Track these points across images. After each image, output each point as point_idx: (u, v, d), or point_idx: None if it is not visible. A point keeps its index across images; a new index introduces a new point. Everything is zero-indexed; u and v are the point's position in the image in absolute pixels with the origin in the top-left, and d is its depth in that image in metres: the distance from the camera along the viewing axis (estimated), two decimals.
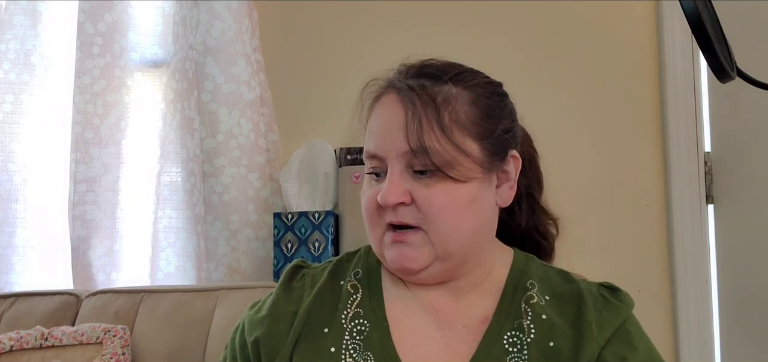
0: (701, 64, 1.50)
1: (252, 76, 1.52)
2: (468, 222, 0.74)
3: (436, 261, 0.74)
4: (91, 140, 1.52)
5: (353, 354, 0.74)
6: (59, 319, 1.28)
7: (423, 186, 0.72)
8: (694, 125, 1.49)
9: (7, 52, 1.53)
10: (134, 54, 1.58)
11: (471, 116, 0.74)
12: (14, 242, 1.53)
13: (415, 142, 0.71)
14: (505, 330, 0.74)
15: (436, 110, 0.72)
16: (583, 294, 0.77)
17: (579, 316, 0.75)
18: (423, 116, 0.72)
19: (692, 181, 1.48)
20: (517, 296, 0.77)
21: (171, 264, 1.52)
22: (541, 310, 0.76)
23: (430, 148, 0.71)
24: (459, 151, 0.72)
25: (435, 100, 0.73)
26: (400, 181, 0.73)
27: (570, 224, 1.53)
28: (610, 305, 0.78)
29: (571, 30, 1.57)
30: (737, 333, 1.45)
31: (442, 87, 0.75)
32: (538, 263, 0.83)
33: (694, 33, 0.72)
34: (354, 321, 0.77)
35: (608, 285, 0.81)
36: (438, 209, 0.72)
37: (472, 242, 0.75)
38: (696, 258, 1.47)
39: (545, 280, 0.80)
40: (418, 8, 1.60)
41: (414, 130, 0.71)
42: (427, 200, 0.72)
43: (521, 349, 0.73)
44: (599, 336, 0.74)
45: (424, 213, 0.72)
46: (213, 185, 1.51)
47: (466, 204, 0.73)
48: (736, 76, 0.87)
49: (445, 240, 0.73)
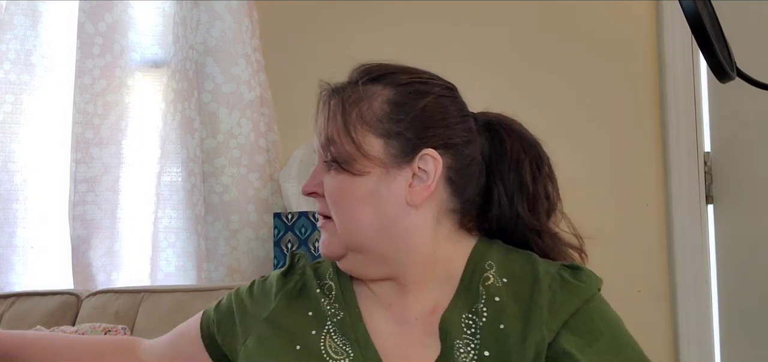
0: (701, 64, 1.51)
1: (252, 76, 1.52)
2: (365, 216, 0.76)
3: (350, 252, 0.78)
4: (91, 140, 1.52)
5: (334, 335, 0.77)
6: (59, 319, 1.28)
7: (328, 178, 0.78)
8: (694, 125, 1.50)
9: (8, 52, 1.53)
10: (134, 54, 1.58)
11: (378, 114, 0.76)
12: (14, 242, 1.53)
13: (322, 136, 0.78)
14: (463, 312, 0.75)
15: (342, 107, 0.77)
16: (539, 275, 0.75)
17: (531, 298, 0.73)
18: (331, 113, 0.78)
19: (692, 180, 1.48)
20: (475, 279, 0.77)
21: (171, 264, 1.52)
22: (495, 292, 0.75)
23: (332, 141, 0.77)
24: (356, 146, 0.75)
25: (346, 98, 0.78)
26: (318, 174, 0.80)
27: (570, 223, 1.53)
28: (566, 285, 0.75)
29: (571, 30, 1.57)
30: (737, 333, 1.45)
31: (363, 87, 0.78)
32: (502, 247, 0.81)
33: (694, 33, 0.72)
34: (330, 308, 0.81)
35: (571, 266, 0.78)
36: (334, 200, 0.77)
37: (381, 237, 0.77)
38: (696, 258, 1.47)
39: (505, 263, 0.78)
40: (417, 8, 1.60)
41: (322, 125, 0.78)
42: (327, 190, 0.78)
43: (475, 333, 0.73)
44: (550, 320, 0.71)
45: (328, 204, 0.78)
46: (213, 185, 1.51)
47: (361, 198, 0.76)
48: (736, 76, 0.87)
49: (344, 230, 0.77)
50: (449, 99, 0.80)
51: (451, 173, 0.78)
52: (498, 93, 1.57)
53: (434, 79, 0.81)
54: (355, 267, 0.80)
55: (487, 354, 0.70)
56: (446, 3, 1.60)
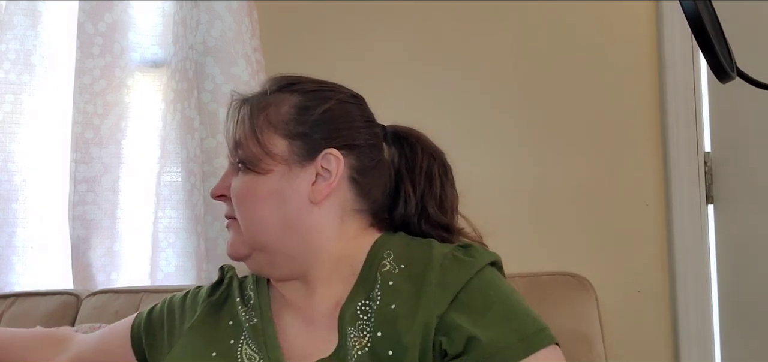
0: (701, 64, 1.50)
1: (252, 76, 1.52)
2: (268, 213, 0.79)
3: (255, 251, 0.81)
4: (91, 140, 1.52)
5: (250, 341, 0.79)
6: (59, 319, 1.28)
7: (235, 180, 0.82)
8: (694, 125, 1.49)
9: (7, 52, 1.53)
10: (134, 54, 1.58)
11: (284, 117, 0.81)
12: (14, 242, 1.53)
13: (231, 141, 0.83)
14: (359, 299, 0.77)
15: (250, 113, 0.82)
16: (432, 256, 0.77)
17: (423, 277, 0.75)
18: (239, 118, 0.82)
19: (692, 180, 1.48)
20: (373, 268, 0.79)
21: (171, 264, 1.52)
22: (389, 277, 0.77)
23: (239, 144, 0.81)
24: (261, 146, 0.80)
25: (254, 105, 0.83)
26: (227, 177, 0.84)
27: (570, 224, 1.53)
28: (457, 261, 0.76)
29: (571, 30, 1.57)
30: (737, 333, 1.45)
31: (272, 94, 0.83)
32: (405, 237, 0.83)
33: (694, 33, 0.72)
34: (246, 316, 0.83)
35: (464, 245, 0.81)
36: (239, 199, 0.81)
37: (285, 235, 0.80)
38: (696, 258, 1.47)
39: (405, 251, 0.80)
40: (417, 8, 1.60)
41: (231, 130, 0.83)
42: (232, 191, 0.81)
43: (370, 317, 0.74)
44: (440, 295, 0.72)
45: (234, 205, 0.81)
46: (213, 185, 1.50)
47: (265, 196, 0.79)
48: (736, 76, 0.87)
49: (247, 228, 0.80)
50: (353, 105, 0.86)
51: (355, 173, 0.82)
52: (497, 93, 1.57)
53: (341, 88, 0.87)
54: (261, 267, 0.83)
55: (380, 334, 0.72)
56: (446, 3, 1.59)
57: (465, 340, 0.69)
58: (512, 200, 1.53)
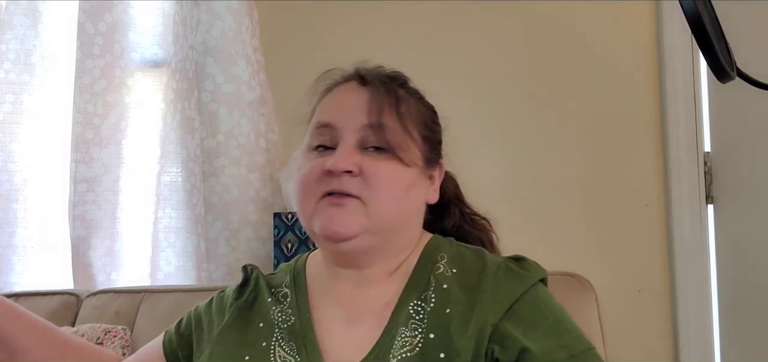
0: (701, 64, 1.51)
1: (252, 76, 1.52)
2: (404, 204, 0.80)
3: (366, 233, 0.77)
4: (91, 140, 1.52)
5: (282, 343, 0.78)
6: (59, 319, 1.28)
7: (373, 160, 0.78)
8: (694, 125, 1.50)
9: (8, 52, 1.53)
10: (134, 54, 1.58)
11: (424, 116, 0.85)
12: (14, 242, 1.53)
13: (375, 118, 0.79)
14: (412, 299, 0.77)
15: (395, 98, 0.81)
16: (486, 265, 0.79)
17: (477, 284, 0.77)
18: (386, 100, 0.80)
19: (692, 180, 1.48)
20: (427, 270, 0.80)
21: (171, 264, 1.52)
22: (443, 280, 0.78)
23: (386, 126, 0.79)
24: (409, 137, 0.80)
25: (396, 92, 0.83)
26: (353, 153, 0.78)
27: (570, 224, 1.53)
28: (511, 273, 0.78)
29: (571, 30, 1.57)
30: (737, 332, 1.45)
31: (399, 87, 0.85)
32: (454, 243, 0.86)
33: (693, 33, 0.72)
34: (281, 315, 0.81)
35: (516, 257, 0.82)
36: (384, 180, 0.78)
37: (402, 225, 0.81)
38: (696, 258, 1.47)
39: (457, 257, 0.82)
40: (417, 8, 1.60)
41: (376, 108, 0.79)
42: (374, 171, 0.77)
43: (423, 318, 0.75)
44: (494, 304, 0.74)
45: (369, 184, 0.77)
46: (213, 185, 1.51)
47: (406, 186, 0.80)
48: (736, 76, 0.87)
49: (380, 212, 0.77)
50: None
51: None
52: (497, 93, 1.57)
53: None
54: (362, 249, 0.79)
55: (433, 336, 0.73)
56: (446, 3, 1.60)
57: (518, 351, 0.70)
58: (512, 199, 1.53)
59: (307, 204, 0.80)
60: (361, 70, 0.86)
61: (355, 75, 0.86)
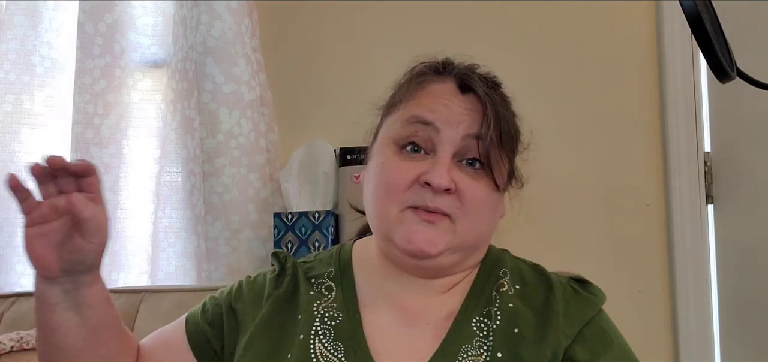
0: (701, 64, 1.50)
1: (252, 76, 1.52)
2: (490, 226, 0.78)
3: (449, 251, 0.74)
4: (91, 140, 1.52)
5: (323, 339, 0.75)
6: None
7: (469, 177, 0.74)
8: (694, 125, 1.49)
9: (8, 52, 1.53)
10: (134, 54, 1.58)
11: (511, 133, 0.80)
12: (15, 242, 1.53)
13: (480, 134, 0.74)
14: (474, 315, 0.76)
15: (497, 112, 0.76)
16: (552, 284, 0.79)
17: (546, 304, 0.76)
18: (491, 114, 0.75)
19: (692, 180, 1.48)
20: (489, 285, 0.79)
21: (171, 264, 1.52)
22: (508, 299, 0.77)
23: (489, 146, 0.74)
24: (505, 158, 0.78)
25: (497, 103, 0.77)
26: (451, 167, 0.73)
27: (570, 224, 1.53)
28: (579, 296, 0.78)
29: (571, 30, 1.57)
30: (737, 333, 1.45)
31: (499, 97, 0.80)
32: (510, 255, 0.85)
33: (693, 33, 0.72)
34: (326, 310, 0.77)
35: (578, 278, 0.82)
36: (480, 203, 0.74)
37: (480, 243, 0.79)
38: (696, 258, 1.47)
39: (517, 271, 0.82)
40: (417, 8, 1.60)
41: (482, 123, 0.74)
42: (470, 192, 0.73)
43: (487, 335, 0.73)
44: (566, 326, 0.74)
45: (464, 204, 0.73)
46: (213, 185, 1.51)
47: (492, 207, 0.77)
48: (736, 76, 0.87)
49: (467, 232, 0.74)
50: None
51: None
52: None
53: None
54: (443, 264, 0.76)
55: (500, 355, 0.71)
56: (445, 3, 1.60)
57: None
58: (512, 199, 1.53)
59: (389, 209, 0.74)
60: (462, 74, 0.80)
61: (455, 76, 0.80)
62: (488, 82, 0.80)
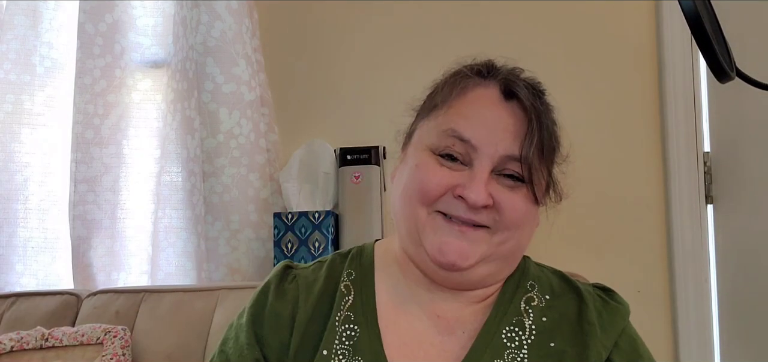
0: (701, 64, 1.50)
1: (252, 77, 1.52)
2: (524, 237, 0.75)
3: (483, 262, 0.72)
4: (91, 140, 1.52)
5: (343, 358, 0.72)
6: (60, 319, 1.28)
7: (507, 190, 0.72)
8: (693, 125, 1.49)
9: (8, 52, 1.53)
10: (135, 54, 1.58)
11: (552, 146, 0.77)
12: (15, 242, 1.53)
13: (522, 152, 0.71)
14: (504, 325, 0.74)
15: (540, 127, 0.73)
16: (582, 294, 0.78)
17: (580, 316, 0.75)
18: (535, 128, 0.72)
19: (692, 181, 1.48)
20: (517, 296, 0.78)
21: (171, 264, 1.52)
22: (541, 312, 0.76)
23: (532, 162, 0.71)
24: (544, 172, 0.75)
25: (541, 116, 0.74)
26: (488, 182, 0.71)
27: (570, 224, 1.53)
28: (608, 306, 0.78)
29: (571, 30, 1.57)
30: (737, 333, 1.45)
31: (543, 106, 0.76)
32: (532, 262, 0.84)
33: (693, 33, 0.72)
34: (345, 324, 0.74)
35: (602, 287, 0.82)
36: (519, 216, 0.72)
37: (516, 256, 0.77)
38: (695, 258, 1.47)
39: (543, 279, 0.80)
40: (417, 8, 1.60)
41: (524, 139, 0.71)
42: (509, 205, 0.71)
43: (520, 347, 0.72)
44: (604, 337, 0.74)
45: (502, 217, 0.71)
46: (213, 185, 1.51)
47: (531, 220, 0.75)
48: (736, 76, 0.87)
49: (503, 244, 0.72)
50: None
51: None
52: None
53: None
54: (474, 278, 0.74)
55: None
56: (446, 3, 1.60)
57: None
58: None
59: (418, 214, 0.72)
60: (508, 79, 0.76)
61: (499, 81, 0.76)
62: (533, 90, 0.76)
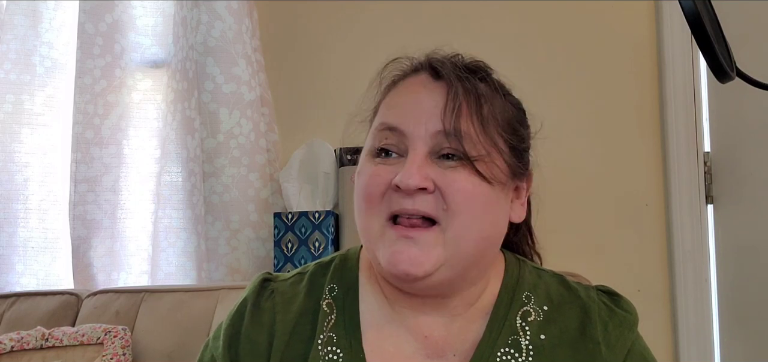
0: (701, 64, 1.51)
1: (252, 77, 1.52)
2: (484, 225, 0.67)
3: (444, 266, 0.65)
4: (91, 140, 1.52)
5: None
6: (60, 319, 1.28)
7: (449, 172, 0.65)
8: (693, 125, 1.50)
9: (8, 52, 1.53)
10: (135, 54, 1.58)
11: (506, 117, 0.71)
12: (15, 242, 1.53)
13: (451, 124, 0.65)
14: (499, 346, 0.68)
15: (477, 98, 0.68)
16: (585, 304, 0.71)
17: (584, 333, 0.69)
18: (464, 101, 0.67)
19: (692, 180, 1.48)
20: (513, 310, 0.71)
21: (171, 263, 1.52)
22: (539, 329, 0.69)
23: (465, 134, 0.65)
24: (492, 146, 0.67)
25: (477, 89, 0.69)
26: (424, 163, 0.65)
27: (570, 224, 1.53)
28: (615, 316, 0.71)
29: (571, 30, 1.57)
30: (737, 333, 1.45)
31: (480, 82, 0.71)
32: (530, 267, 0.77)
33: (693, 33, 0.72)
34: (328, 347, 0.69)
35: (606, 290, 0.75)
36: (464, 197, 0.65)
37: (482, 250, 0.68)
38: (695, 258, 1.47)
39: (540, 287, 0.73)
40: (417, 7, 1.60)
41: (452, 111, 0.66)
42: (453, 186, 0.64)
43: None
44: (609, 356, 0.68)
45: (448, 202, 0.64)
46: (213, 185, 1.51)
47: (487, 204, 0.67)
48: (736, 76, 0.87)
49: (460, 237, 0.65)
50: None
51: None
52: None
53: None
54: (438, 284, 0.67)
55: None
56: (446, 3, 1.60)
57: None
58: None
59: (371, 225, 0.67)
60: (433, 60, 0.72)
61: (427, 65, 0.73)
62: (466, 68, 0.71)
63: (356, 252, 0.78)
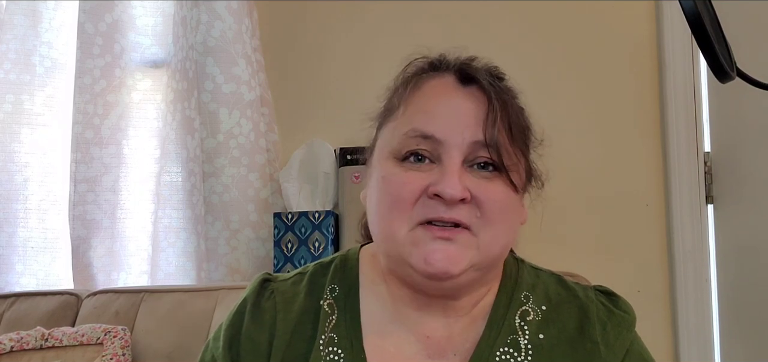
0: (701, 64, 1.50)
1: (252, 76, 1.52)
2: (510, 232, 0.69)
3: (472, 268, 0.66)
4: (91, 140, 1.52)
5: None
6: (59, 319, 1.28)
7: (484, 182, 0.66)
8: (694, 125, 1.49)
9: (8, 52, 1.53)
10: (134, 54, 1.58)
11: (525, 124, 0.73)
12: (15, 242, 1.53)
13: (492, 135, 0.66)
14: (498, 345, 0.69)
15: (509, 107, 0.69)
16: (583, 304, 0.72)
17: (582, 332, 0.70)
18: (498, 110, 0.67)
19: (692, 180, 1.48)
20: (512, 310, 0.71)
21: (171, 264, 1.52)
22: (537, 328, 0.70)
23: (501, 145, 0.66)
24: (519, 157, 0.69)
25: (506, 98, 0.70)
26: (462, 174, 0.65)
27: (570, 224, 1.53)
28: (613, 316, 0.72)
29: (571, 30, 1.57)
30: (737, 333, 1.45)
31: (506, 90, 0.72)
32: (528, 267, 0.78)
33: (693, 33, 0.72)
34: (329, 347, 0.69)
35: (604, 290, 0.75)
36: (499, 208, 0.66)
37: (504, 255, 0.71)
38: (696, 258, 1.47)
39: (539, 287, 0.74)
40: (417, 7, 1.60)
41: (493, 122, 0.66)
42: (490, 197, 0.65)
43: None
44: (608, 355, 0.69)
45: (483, 211, 0.65)
46: (213, 185, 1.51)
47: (515, 212, 0.70)
48: (736, 76, 0.87)
49: (492, 243, 0.66)
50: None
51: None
52: None
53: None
54: (461, 285, 0.68)
55: None
56: (446, 3, 1.60)
57: None
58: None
59: (398, 229, 0.66)
60: (459, 63, 0.73)
61: (454, 68, 0.73)
62: (490, 73, 0.72)
63: (356, 253, 0.78)
